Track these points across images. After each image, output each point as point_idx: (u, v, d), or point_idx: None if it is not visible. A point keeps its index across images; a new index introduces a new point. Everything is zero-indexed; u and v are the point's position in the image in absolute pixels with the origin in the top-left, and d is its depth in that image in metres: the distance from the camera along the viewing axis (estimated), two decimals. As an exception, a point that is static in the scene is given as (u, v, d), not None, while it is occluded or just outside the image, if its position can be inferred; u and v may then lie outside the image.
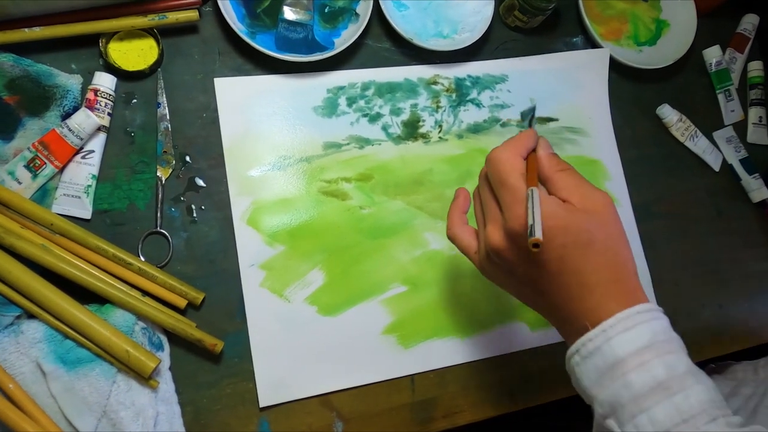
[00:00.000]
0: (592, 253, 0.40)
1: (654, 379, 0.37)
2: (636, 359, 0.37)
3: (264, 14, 0.63)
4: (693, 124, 0.76)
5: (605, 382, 0.38)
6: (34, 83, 0.55)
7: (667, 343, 0.38)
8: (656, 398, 0.36)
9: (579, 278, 0.40)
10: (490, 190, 0.45)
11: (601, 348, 0.39)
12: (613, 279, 0.40)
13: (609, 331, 0.38)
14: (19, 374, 0.49)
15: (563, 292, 0.41)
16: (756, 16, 0.82)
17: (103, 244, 0.53)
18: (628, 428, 0.37)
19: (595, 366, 0.39)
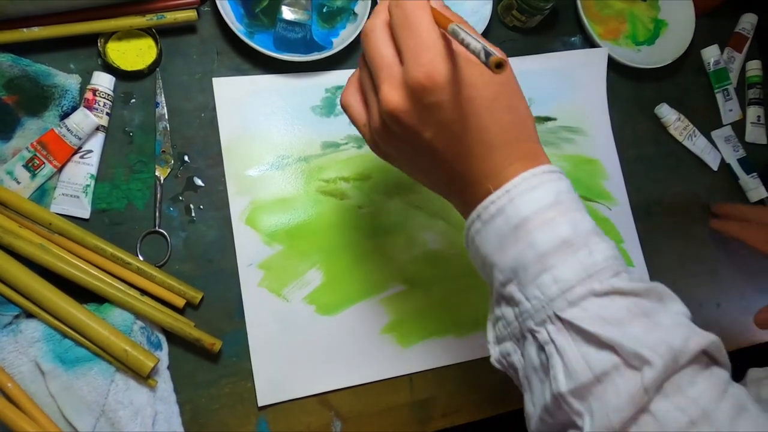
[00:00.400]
0: (498, 109, 0.37)
1: (559, 236, 0.35)
2: (541, 217, 0.36)
3: (262, 14, 0.63)
4: (691, 123, 0.77)
5: (508, 244, 0.36)
6: (33, 83, 0.55)
7: (572, 202, 0.37)
8: (561, 255, 0.35)
9: (484, 136, 0.37)
10: (387, 42, 0.38)
11: (504, 209, 0.37)
12: (517, 138, 0.38)
13: (513, 191, 0.37)
14: (17, 373, 0.49)
15: (466, 154, 0.38)
16: (754, 15, 0.82)
17: (102, 243, 0.53)
18: (530, 290, 0.36)
19: (497, 229, 0.37)
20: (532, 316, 0.36)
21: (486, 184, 0.38)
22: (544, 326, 0.35)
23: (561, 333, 0.34)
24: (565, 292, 0.34)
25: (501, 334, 0.39)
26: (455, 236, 0.65)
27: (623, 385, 0.32)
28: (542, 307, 0.35)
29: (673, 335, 0.33)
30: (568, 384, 0.33)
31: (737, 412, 0.32)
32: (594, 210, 0.70)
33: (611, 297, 0.34)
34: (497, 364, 0.40)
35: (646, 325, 0.34)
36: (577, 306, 0.34)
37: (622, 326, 0.33)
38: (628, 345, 0.32)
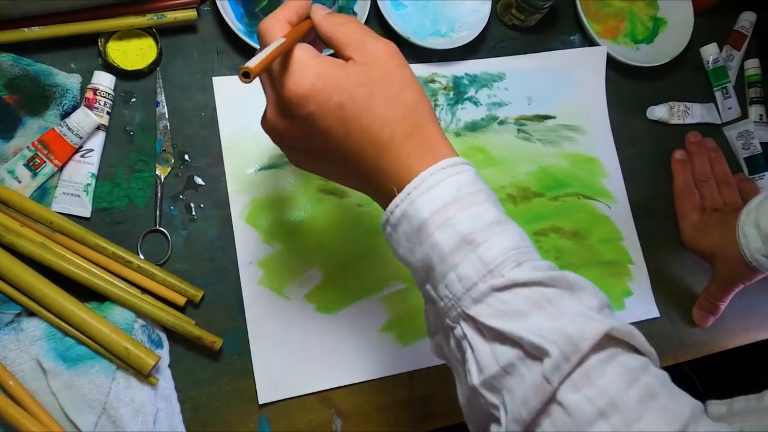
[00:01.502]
0: (375, 106, 0.37)
1: (459, 234, 0.35)
2: (440, 217, 0.36)
3: (262, 13, 0.63)
4: (678, 102, 0.77)
5: (415, 247, 0.37)
6: (34, 82, 0.56)
7: (472, 195, 0.36)
8: (461, 254, 0.35)
9: (369, 137, 0.37)
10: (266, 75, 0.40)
11: (407, 213, 0.37)
12: (407, 132, 0.37)
13: (413, 193, 0.36)
14: (19, 371, 0.49)
15: (360, 157, 0.38)
16: (753, 13, 0.82)
17: (103, 242, 0.53)
18: (440, 290, 0.36)
19: (404, 232, 0.37)
20: (447, 313, 0.37)
21: (389, 185, 0.38)
22: (458, 323, 0.36)
23: (471, 329, 0.35)
24: (469, 290, 0.35)
25: (431, 328, 0.41)
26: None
27: (528, 376, 0.33)
28: (452, 306, 0.36)
29: (572, 324, 0.33)
30: (479, 377, 0.34)
31: (646, 399, 0.32)
32: (594, 208, 0.71)
33: (512, 290, 0.34)
34: (435, 355, 0.42)
35: (548, 315, 0.34)
36: (481, 302, 0.35)
37: (523, 318, 0.34)
38: (527, 337, 0.33)
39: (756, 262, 0.62)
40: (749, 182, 0.76)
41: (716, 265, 0.68)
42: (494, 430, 0.35)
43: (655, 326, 0.69)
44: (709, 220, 0.70)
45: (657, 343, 0.70)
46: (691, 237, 0.71)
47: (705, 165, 0.74)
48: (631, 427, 0.31)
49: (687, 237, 0.71)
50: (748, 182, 0.76)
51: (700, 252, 0.70)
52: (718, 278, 0.68)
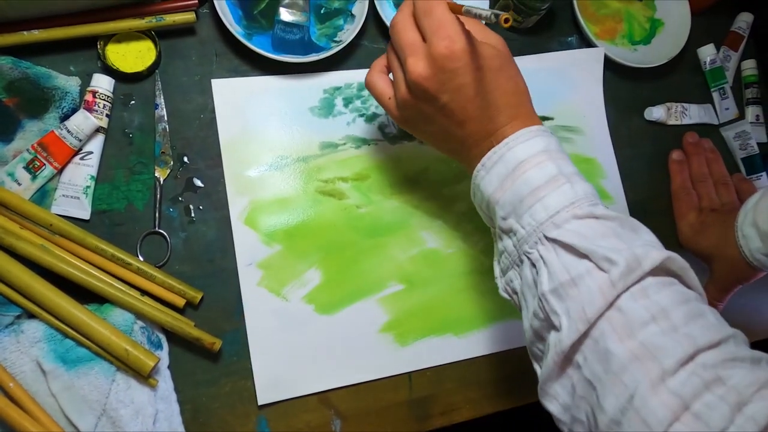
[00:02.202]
0: (502, 78, 0.46)
1: (548, 174, 0.43)
2: (534, 160, 0.44)
3: (260, 16, 0.64)
4: (674, 102, 0.77)
5: (507, 183, 0.45)
6: (33, 85, 0.56)
7: (559, 152, 0.45)
8: (549, 189, 0.43)
9: (491, 98, 0.46)
10: (412, 28, 0.47)
11: (504, 156, 0.45)
12: (517, 103, 0.47)
13: (511, 142, 0.45)
14: (19, 373, 0.49)
15: (476, 115, 0.46)
16: (750, 14, 0.82)
17: (102, 244, 0.53)
18: (525, 219, 0.43)
19: (498, 173, 0.45)
20: (527, 240, 0.43)
21: (491, 140, 0.46)
22: (536, 247, 0.43)
23: (548, 250, 0.42)
24: (552, 217, 0.42)
25: (504, 266, 0.47)
26: (453, 235, 0.65)
27: (594, 283, 0.39)
28: (534, 231, 0.43)
29: (638, 248, 0.40)
30: (549, 284, 0.41)
31: (694, 317, 0.38)
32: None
33: (589, 220, 0.42)
34: (504, 294, 0.48)
35: (617, 241, 0.41)
36: (561, 227, 0.42)
37: (596, 240, 0.40)
38: (599, 251, 0.39)
39: (757, 262, 0.63)
40: (747, 182, 0.76)
41: (714, 266, 0.68)
42: (552, 336, 0.41)
43: (654, 326, 0.69)
44: (706, 221, 0.70)
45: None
46: (688, 237, 0.71)
47: (702, 165, 0.74)
48: (677, 331, 0.36)
49: (684, 237, 0.72)
50: (746, 182, 0.76)
51: (697, 252, 0.70)
52: (717, 278, 0.68)
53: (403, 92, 0.48)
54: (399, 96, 0.49)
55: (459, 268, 0.64)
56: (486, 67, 0.45)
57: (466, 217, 0.66)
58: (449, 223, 0.65)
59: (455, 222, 0.65)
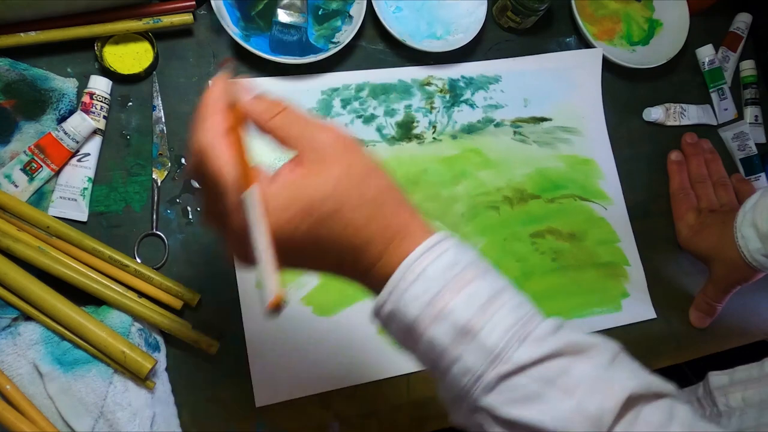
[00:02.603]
0: (344, 215, 0.34)
1: (454, 326, 0.33)
2: (430, 312, 0.33)
3: (258, 17, 0.63)
4: (673, 103, 0.77)
5: (411, 344, 0.35)
6: (30, 87, 0.56)
7: (460, 275, 0.34)
8: (462, 345, 0.33)
9: (345, 246, 0.35)
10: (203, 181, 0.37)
11: (395, 312, 0.34)
12: (381, 227, 0.35)
13: (396, 290, 0.34)
14: (16, 375, 0.49)
15: (341, 266, 0.36)
16: (749, 14, 0.82)
17: (100, 246, 0.53)
18: (448, 382, 0.34)
19: (397, 329, 0.35)
20: (459, 404, 0.35)
21: (375, 282, 0.36)
22: (474, 413, 0.34)
23: (488, 418, 0.33)
24: (477, 381, 0.33)
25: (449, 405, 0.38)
26: (451, 237, 0.65)
27: None
28: (464, 397, 0.34)
29: (590, 397, 0.32)
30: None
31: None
32: (590, 210, 0.71)
33: (521, 373, 0.32)
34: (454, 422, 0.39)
35: (563, 391, 0.32)
36: (492, 391, 0.33)
37: (539, 401, 0.32)
38: (550, 426, 0.31)
39: (756, 263, 0.63)
40: (745, 183, 0.76)
41: (713, 266, 0.68)
42: None
43: (652, 328, 0.69)
44: (705, 222, 0.70)
45: (654, 345, 0.71)
46: (687, 238, 0.71)
47: (701, 166, 0.74)
48: None
49: (683, 238, 0.71)
50: (745, 183, 0.76)
51: (696, 253, 0.70)
52: (716, 279, 0.68)
53: None
54: None
55: (457, 270, 0.64)
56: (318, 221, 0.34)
57: (464, 219, 0.66)
58: (448, 224, 0.65)
59: (454, 223, 0.65)
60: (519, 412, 0.32)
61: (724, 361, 0.71)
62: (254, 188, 0.33)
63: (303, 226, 0.34)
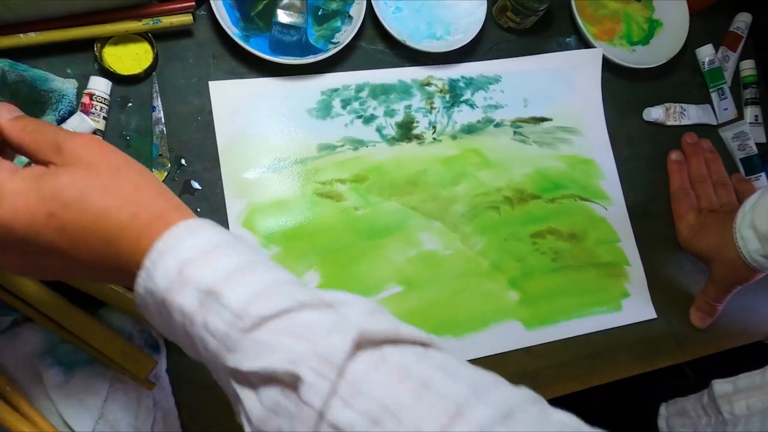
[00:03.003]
0: (90, 201, 0.33)
1: (198, 290, 0.32)
2: (178, 281, 0.32)
3: (258, 17, 0.63)
4: (673, 102, 0.77)
5: (167, 320, 0.33)
6: (30, 88, 0.56)
7: (212, 251, 0.33)
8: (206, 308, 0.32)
9: (94, 232, 0.33)
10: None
11: (149, 288, 0.33)
12: (134, 213, 0.34)
13: (149, 266, 0.33)
14: (16, 377, 0.49)
15: (94, 256, 0.34)
16: (749, 14, 0.82)
17: (99, 247, 0.53)
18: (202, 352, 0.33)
19: (155, 310, 0.34)
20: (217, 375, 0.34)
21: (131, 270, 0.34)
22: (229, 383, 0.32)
23: (237, 383, 0.32)
24: (223, 341, 0.31)
25: None
26: (451, 237, 0.65)
27: (293, 408, 0.29)
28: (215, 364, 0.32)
29: (324, 340, 0.30)
30: (249, 428, 0.32)
31: (419, 393, 0.29)
32: (590, 210, 0.71)
33: (262, 326, 0.31)
34: None
35: (301, 339, 0.30)
36: (237, 351, 0.31)
37: (278, 351, 0.30)
38: (280, 367, 0.30)
39: (756, 263, 0.63)
40: (746, 183, 0.76)
41: (713, 267, 0.68)
42: None
43: (653, 328, 0.69)
44: (705, 222, 0.70)
45: (654, 345, 0.71)
46: (687, 238, 0.71)
47: (701, 166, 0.74)
48: (404, 427, 0.28)
49: (684, 238, 0.71)
50: (745, 183, 0.76)
51: (697, 253, 0.70)
52: (716, 279, 0.68)
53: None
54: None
55: (457, 270, 0.64)
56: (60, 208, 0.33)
57: (464, 219, 0.66)
58: (447, 224, 0.65)
59: (453, 224, 0.65)
60: (257, 363, 0.30)
61: (725, 361, 0.72)
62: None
63: (42, 212, 0.33)
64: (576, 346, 0.66)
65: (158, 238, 0.33)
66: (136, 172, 0.36)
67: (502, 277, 0.65)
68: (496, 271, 0.65)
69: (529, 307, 0.65)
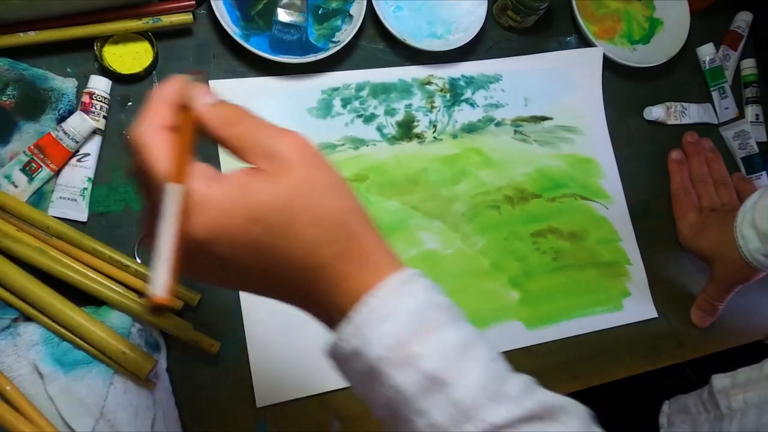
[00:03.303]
0: (295, 231, 0.30)
1: (423, 374, 0.30)
2: (398, 355, 0.30)
3: (258, 16, 0.63)
4: (674, 101, 0.77)
5: (373, 386, 0.31)
6: (30, 87, 0.56)
7: (431, 318, 0.31)
8: (430, 397, 0.30)
9: (295, 267, 0.31)
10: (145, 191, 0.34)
11: (359, 350, 0.31)
12: (339, 252, 0.31)
13: (364, 327, 0.31)
14: (16, 376, 0.49)
15: (289, 289, 0.33)
16: (749, 13, 0.82)
17: (100, 246, 0.53)
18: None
19: (357, 370, 0.32)
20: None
21: (329, 313, 0.32)
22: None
23: None
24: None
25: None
26: (451, 236, 0.65)
27: None
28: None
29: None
30: None
31: None
32: (591, 209, 0.71)
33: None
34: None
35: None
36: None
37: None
38: None
39: (757, 262, 0.62)
40: (747, 182, 0.76)
41: (714, 266, 0.68)
42: None
43: (654, 327, 0.69)
44: (706, 221, 0.70)
45: (655, 344, 0.70)
46: (688, 237, 0.71)
47: (702, 165, 0.74)
48: None
49: (684, 237, 0.71)
50: (746, 182, 0.76)
51: (698, 252, 0.70)
52: (717, 278, 0.68)
53: None
54: None
55: (457, 269, 0.64)
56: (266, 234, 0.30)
57: (464, 218, 0.66)
58: (448, 223, 0.65)
59: (454, 223, 0.65)
60: None
61: (726, 360, 0.71)
62: (179, 186, 0.29)
63: (246, 235, 0.30)
64: (577, 346, 0.66)
65: (367, 292, 0.31)
66: (343, 194, 0.32)
67: (502, 276, 0.65)
68: (496, 271, 0.65)
69: (530, 306, 0.65)
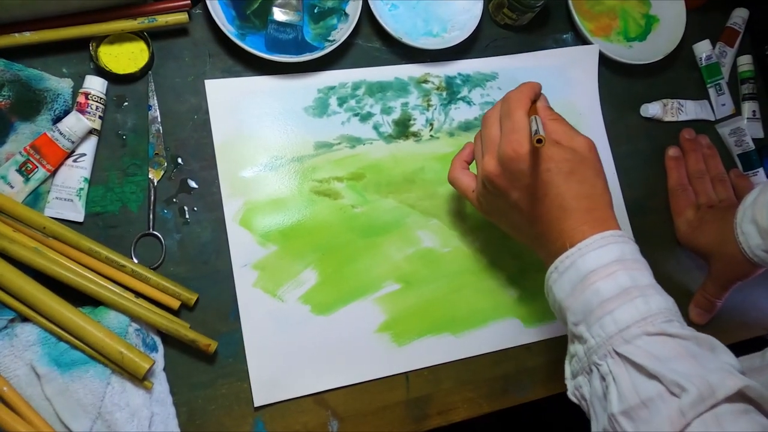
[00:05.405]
0: (572, 181, 0.47)
1: (619, 286, 0.43)
2: (605, 270, 0.43)
3: (253, 16, 0.63)
4: (671, 99, 0.77)
5: (578, 292, 0.44)
6: (25, 87, 0.56)
7: (634, 261, 0.45)
8: (620, 302, 0.42)
9: (560, 201, 0.47)
10: (494, 126, 0.51)
11: (575, 263, 0.45)
12: (591, 207, 0.47)
13: (583, 249, 0.45)
14: (13, 377, 0.49)
15: (546, 215, 0.48)
16: (746, 9, 0.82)
17: (96, 246, 0.53)
18: (594, 330, 0.43)
19: (569, 279, 0.45)
20: (596, 351, 0.43)
21: (563, 241, 0.46)
22: (605, 360, 0.42)
23: (617, 365, 0.41)
24: (622, 331, 0.41)
25: (574, 369, 0.46)
26: (449, 234, 0.65)
27: (664, 410, 0.38)
28: (603, 344, 0.42)
29: (712, 373, 0.38)
30: (619, 406, 0.40)
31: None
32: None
33: (661, 338, 0.41)
34: (573, 397, 0.47)
35: (690, 364, 0.39)
36: (631, 343, 0.41)
37: (667, 362, 0.39)
38: (669, 375, 0.38)
39: (757, 258, 0.62)
40: (743, 178, 0.76)
41: (713, 263, 0.68)
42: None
43: (651, 323, 0.69)
44: (704, 218, 0.70)
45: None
46: (686, 234, 0.71)
47: (699, 162, 0.74)
48: None
49: (682, 234, 0.71)
50: (743, 178, 0.76)
51: (696, 249, 0.70)
52: (715, 275, 0.68)
53: (479, 186, 0.53)
54: (477, 188, 0.54)
55: (455, 267, 0.64)
56: (554, 170, 0.47)
57: (461, 216, 0.66)
58: (445, 222, 0.65)
59: (451, 221, 0.65)
60: (648, 362, 0.39)
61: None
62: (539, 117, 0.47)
63: (543, 165, 0.47)
64: (575, 343, 0.66)
65: (598, 233, 0.45)
66: (605, 183, 0.49)
67: (500, 274, 0.65)
68: (494, 268, 0.65)
69: (528, 304, 0.65)
